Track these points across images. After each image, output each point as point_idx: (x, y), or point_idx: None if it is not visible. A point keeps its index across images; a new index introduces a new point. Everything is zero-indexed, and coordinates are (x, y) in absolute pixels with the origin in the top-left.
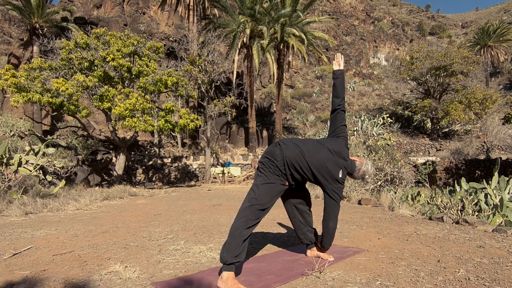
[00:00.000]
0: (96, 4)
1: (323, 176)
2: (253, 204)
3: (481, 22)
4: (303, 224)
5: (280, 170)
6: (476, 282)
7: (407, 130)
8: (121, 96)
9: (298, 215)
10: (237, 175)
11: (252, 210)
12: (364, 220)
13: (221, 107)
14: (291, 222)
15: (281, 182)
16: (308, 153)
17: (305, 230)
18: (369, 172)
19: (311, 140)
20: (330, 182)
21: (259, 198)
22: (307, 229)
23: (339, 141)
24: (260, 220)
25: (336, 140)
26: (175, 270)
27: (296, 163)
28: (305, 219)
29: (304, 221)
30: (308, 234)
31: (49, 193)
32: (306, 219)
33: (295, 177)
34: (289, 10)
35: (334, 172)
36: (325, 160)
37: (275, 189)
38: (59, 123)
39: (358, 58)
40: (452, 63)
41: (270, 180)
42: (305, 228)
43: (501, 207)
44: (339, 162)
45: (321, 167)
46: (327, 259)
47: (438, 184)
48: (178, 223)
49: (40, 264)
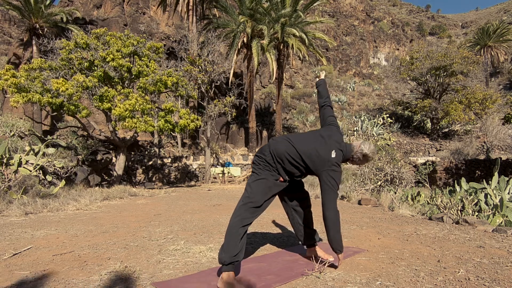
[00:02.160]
0: (96, 4)
1: (314, 161)
2: (246, 202)
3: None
4: (301, 226)
5: (270, 164)
6: (476, 282)
7: (407, 130)
8: (121, 97)
9: (296, 217)
10: (237, 175)
11: (246, 208)
12: (364, 220)
13: (221, 107)
14: (290, 224)
15: (274, 177)
16: (297, 141)
17: (304, 232)
18: (369, 149)
19: (303, 132)
20: (323, 165)
21: (252, 196)
22: (306, 231)
23: (331, 127)
24: (256, 217)
25: (327, 127)
26: (175, 270)
27: (286, 153)
28: (305, 220)
29: (304, 222)
30: (307, 236)
31: (49, 193)
32: (306, 220)
33: (288, 170)
34: (289, 10)
35: (325, 155)
36: (315, 144)
37: (266, 184)
38: (59, 123)
39: (358, 58)
40: (452, 63)
41: (261, 176)
42: (304, 230)
43: (501, 207)
44: (330, 144)
45: (312, 152)
46: (327, 259)
47: (438, 184)
48: (178, 223)
49: (40, 264)
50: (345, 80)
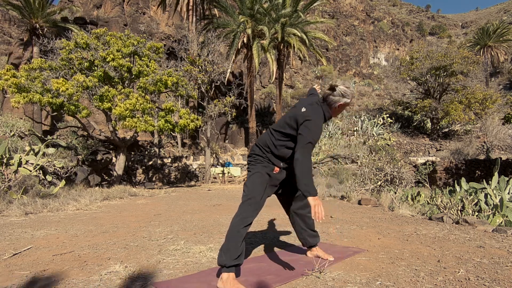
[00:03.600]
0: (96, 4)
1: (288, 123)
2: (244, 200)
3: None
4: (303, 230)
5: (260, 156)
6: (476, 282)
7: (407, 130)
8: (121, 96)
9: (298, 221)
10: (237, 175)
11: (245, 206)
12: (364, 220)
13: (221, 107)
14: (292, 227)
15: (268, 169)
16: (274, 125)
17: (306, 235)
18: (343, 84)
19: None
20: (298, 122)
21: (249, 192)
22: (307, 233)
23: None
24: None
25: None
26: (175, 270)
27: (268, 138)
28: (306, 223)
29: (305, 226)
30: (308, 239)
31: (49, 193)
32: (307, 222)
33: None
34: (290, 10)
35: (295, 112)
36: (288, 113)
37: (261, 177)
38: (59, 123)
39: (358, 58)
40: (452, 63)
41: (255, 171)
42: (306, 233)
43: (501, 207)
44: (299, 105)
45: (285, 119)
46: (327, 259)
47: (438, 184)
48: (178, 223)
49: (40, 264)
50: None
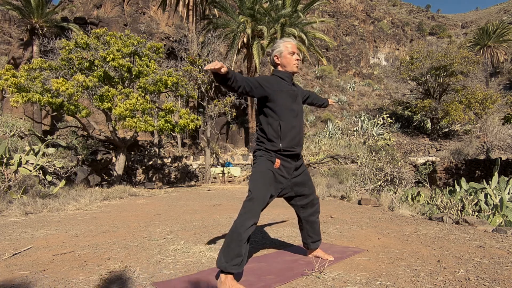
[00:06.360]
0: (96, 4)
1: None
2: (247, 199)
3: (481, 22)
4: (309, 236)
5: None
6: (476, 282)
7: (407, 130)
8: (121, 96)
9: (307, 228)
10: (237, 175)
11: (249, 205)
12: (364, 220)
13: (221, 107)
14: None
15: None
16: None
17: (310, 241)
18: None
19: None
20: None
21: (254, 191)
22: (312, 239)
23: None
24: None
25: None
26: (175, 270)
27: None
28: (315, 229)
29: (313, 233)
30: (312, 245)
31: (49, 193)
32: (315, 229)
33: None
34: (289, 10)
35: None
36: None
37: (266, 175)
38: (59, 123)
39: (358, 58)
40: (452, 63)
41: (257, 169)
42: (311, 239)
43: (501, 207)
44: None
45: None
46: (327, 259)
47: (438, 184)
48: (178, 223)
49: (40, 264)
50: (345, 80)
